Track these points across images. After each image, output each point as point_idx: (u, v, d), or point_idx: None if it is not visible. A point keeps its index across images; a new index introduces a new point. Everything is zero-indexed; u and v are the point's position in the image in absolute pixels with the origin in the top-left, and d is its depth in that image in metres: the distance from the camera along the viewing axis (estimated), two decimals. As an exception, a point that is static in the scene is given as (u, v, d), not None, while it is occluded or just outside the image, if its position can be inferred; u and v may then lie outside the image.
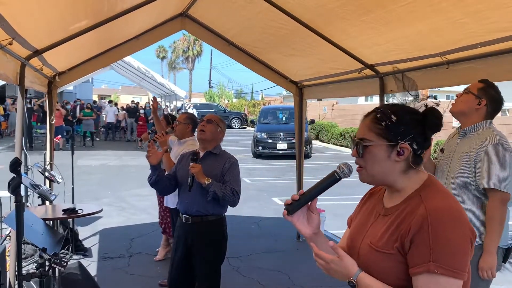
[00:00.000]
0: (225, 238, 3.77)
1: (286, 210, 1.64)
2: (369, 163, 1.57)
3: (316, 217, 1.67)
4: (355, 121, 23.21)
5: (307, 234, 1.67)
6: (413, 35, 3.72)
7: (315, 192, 1.63)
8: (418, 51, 3.92)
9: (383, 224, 1.57)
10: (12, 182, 2.77)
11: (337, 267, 1.53)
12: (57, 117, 16.56)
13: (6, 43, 3.20)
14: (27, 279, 2.93)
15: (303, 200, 1.63)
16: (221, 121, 3.83)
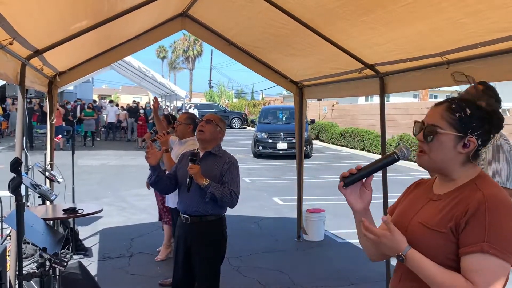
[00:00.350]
0: (224, 238, 3.75)
1: (343, 182, 1.68)
2: (435, 149, 1.61)
3: (369, 193, 1.71)
4: (355, 121, 23.22)
5: (358, 208, 1.72)
6: (413, 35, 3.72)
7: (372, 169, 1.66)
8: (418, 51, 3.92)
9: (435, 207, 1.62)
10: (12, 182, 2.77)
11: (388, 241, 1.57)
12: (56, 117, 16.57)
13: (6, 43, 3.20)
14: (28, 278, 2.94)
15: (360, 175, 1.66)
16: (220, 120, 3.81)
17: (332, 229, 7.54)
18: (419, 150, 1.65)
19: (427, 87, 4.74)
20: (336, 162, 16.91)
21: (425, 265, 1.52)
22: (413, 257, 1.54)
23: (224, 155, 3.72)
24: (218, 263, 3.72)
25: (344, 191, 1.71)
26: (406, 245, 1.56)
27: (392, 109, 19.12)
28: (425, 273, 1.52)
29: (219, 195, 3.48)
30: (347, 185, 1.68)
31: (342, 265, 6.00)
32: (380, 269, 5.47)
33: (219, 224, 3.70)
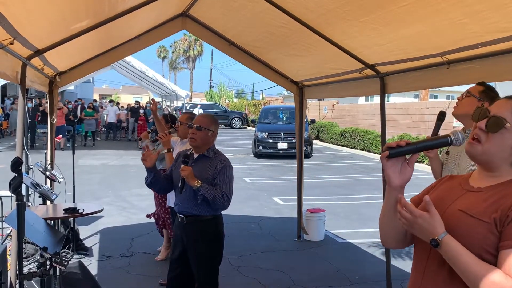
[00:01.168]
0: (220, 237, 3.74)
1: (388, 151, 1.59)
2: (493, 142, 1.55)
3: (410, 171, 1.62)
4: (355, 121, 23.23)
5: (394, 183, 1.62)
6: (413, 36, 3.73)
7: (420, 146, 1.58)
8: (418, 51, 3.92)
9: (477, 198, 1.56)
10: (13, 182, 2.78)
11: (425, 223, 1.49)
12: (58, 116, 16.62)
13: (7, 43, 3.20)
14: (28, 278, 2.94)
15: (406, 149, 1.58)
16: (211, 122, 3.75)
17: (332, 229, 7.54)
18: (473, 137, 1.58)
19: (427, 87, 4.74)
20: (336, 162, 16.92)
21: (461, 253, 1.45)
22: (449, 243, 1.46)
23: (217, 157, 3.70)
24: (215, 262, 3.71)
25: (385, 162, 1.61)
26: (443, 230, 1.48)
27: (392, 109, 19.13)
28: (460, 261, 1.45)
29: (211, 197, 3.49)
30: (392, 156, 1.58)
31: (342, 265, 6.00)
32: (380, 269, 5.48)
33: (214, 223, 3.69)
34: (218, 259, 3.73)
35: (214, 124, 3.77)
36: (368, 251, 6.56)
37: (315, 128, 24.79)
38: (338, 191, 10.94)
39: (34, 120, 18.49)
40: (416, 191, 1.84)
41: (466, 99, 2.95)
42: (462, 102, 2.97)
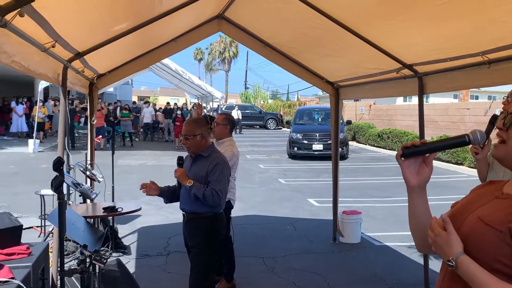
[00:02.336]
0: (215, 234, 3.85)
1: (402, 151, 1.56)
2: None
3: (428, 171, 1.57)
4: (393, 122, 22.83)
5: (412, 183, 1.58)
6: (452, 34, 3.64)
7: (437, 146, 1.54)
8: (457, 50, 3.82)
9: (499, 205, 1.49)
10: (55, 181, 2.85)
11: (442, 242, 1.45)
12: (98, 117, 17.04)
13: (49, 46, 3.31)
14: (69, 275, 3.02)
15: (422, 149, 1.54)
16: (196, 127, 3.83)
17: (369, 232, 7.43)
18: (499, 141, 1.52)
19: (468, 87, 4.61)
20: (373, 163, 16.67)
21: (477, 272, 1.38)
22: (464, 264, 1.39)
23: (212, 155, 3.85)
24: (208, 256, 3.82)
25: (401, 163, 1.58)
26: (460, 250, 1.41)
27: (431, 110, 18.70)
28: (477, 280, 1.38)
29: (201, 195, 3.67)
30: (405, 156, 1.55)
31: (379, 268, 5.91)
32: (419, 273, 5.36)
33: (211, 221, 3.83)
34: (210, 253, 3.84)
35: (199, 127, 3.85)
36: (406, 254, 6.44)
37: (351, 129, 24.52)
38: (374, 193, 10.78)
39: (73, 121, 19.02)
40: (455, 193, 1.80)
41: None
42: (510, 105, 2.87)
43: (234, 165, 5.06)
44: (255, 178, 12.89)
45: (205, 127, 3.88)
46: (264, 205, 9.39)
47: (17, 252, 3.45)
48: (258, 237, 7.19)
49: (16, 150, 17.67)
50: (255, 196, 10.09)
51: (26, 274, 3.12)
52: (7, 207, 8.42)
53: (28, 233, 6.68)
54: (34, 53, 3.17)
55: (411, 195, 1.60)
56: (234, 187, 5.19)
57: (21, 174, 12.62)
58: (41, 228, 7.00)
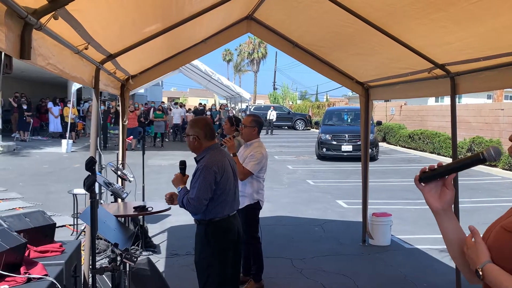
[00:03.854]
0: (208, 242, 3.66)
1: (419, 176, 1.55)
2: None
3: (450, 193, 1.55)
4: (424, 123, 22.42)
5: (435, 207, 1.56)
6: (486, 33, 3.54)
7: (454, 167, 1.52)
8: (491, 49, 3.72)
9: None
10: (87, 180, 2.91)
11: (470, 253, 1.44)
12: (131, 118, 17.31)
13: (82, 48, 3.38)
14: (100, 273, 3.07)
15: (439, 172, 1.53)
16: (192, 127, 3.75)
17: (399, 234, 7.32)
18: None
19: (502, 87, 4.48)
20: (404, 165, 16.41)
21: (503, 279, 1.35)
22: (491, 272, 1.37)
23: (201, 160, 3.68)
24: (205, 264, 3.67)
25: (421, 188, 1.57)
26: (486, 258, 1.39)
27: (464, 110, 18.29)
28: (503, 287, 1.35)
29: (180, 202, 3.65)
30: (422, 180, 1.55)
31: (409, 271, 5.81)
32: (450, 276, 5.25)
33: (203, 227, 3.69)
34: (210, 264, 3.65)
35: (192, 128, 3.74)
36: (437, 257, 6.31)
37: (381, 130, 24.20)
38: (405, 195, 10.60)
39: (106, 122, 19.38)
40: (488, 196, 1.76)
41: None
42: None
43: (264, 166, 5.05)
44: (283, 179, 12.87)
45: (201, 130, 3.71)
46: (292, 206, 9.37)
47: (50, 249, 3.53)
48: (286, 238, 7.17)
49: (50, 150, 18.13)
50: (283, 197, 10.06)
51: (59, 272, 3.19)
52: (41, 205, 8.65)
53: (61, 231, 6.84)
54: (68, 55, 3.25)
55: (438, 220, 1.58)
56: (262, 188, 5.18)
57: (54, 174, 12.94)
58: (73, 226, 7.16)
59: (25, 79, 25.97)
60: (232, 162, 3.86)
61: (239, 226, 3.85)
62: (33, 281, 2.89)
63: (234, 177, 3.82)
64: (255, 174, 4.94)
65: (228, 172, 3.69)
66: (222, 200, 3.65)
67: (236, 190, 3.84)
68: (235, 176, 3.85)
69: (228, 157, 3.87)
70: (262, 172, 5.08)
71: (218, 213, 3.66)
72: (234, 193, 3.79)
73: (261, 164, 4.97)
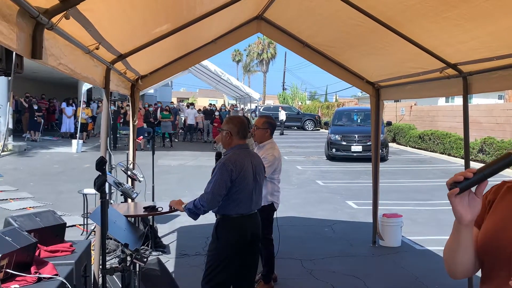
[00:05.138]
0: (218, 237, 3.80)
1: (457, 187, 1.40)
2: None
3: (479, 202, 1.44)
4: (435, 123, 22.26)
5: (467, 219, 1.44)
6: (499, 32, 3.50)
7: (488, 172, 1.41)
8: (505, 48, 3.67)
9: None
10: (98, 180, 2.91)
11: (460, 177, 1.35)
12: (138, 118, 17.35)
13: (93, 48, 3.38)
14: (110, 273, 3.07)
15: (475, 179, 1.41)
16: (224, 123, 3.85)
17: (410, 236, 7.26)
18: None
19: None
20: (414, 165, 16.30)
21: None
22: None
23: (223, 157, 3.79)
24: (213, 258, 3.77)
25: (453, 199, 1.42)
26: None
27: (475, 111, 18.12)
28: None
29: (193, 207, 3.71)
30: (463, 190, 1.41)
31: (420, 272, 5.76)
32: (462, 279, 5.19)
33: (217, 223, 3.86)
34: (215, 258, 3.75)
35: (227, 123, 3.84)
36: (449, 259, 6.24)
37: (391, 131, 24.07)
38: (416, 196, 10.52)
39: (116, 122, 19.46)
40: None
41: None
42: None
43: (277, 168, 5.03)
44: (293, 179, 12.83)
45: (235, 127, 3.78)
46: (302, 206, 9.33)
47: (60, 249, 3.55)
48: (296, 239, 7.15)
49: (61, 150, 18.24)
50: (293, 198, 10.02)
51: (69, 271, 3.20)
52: (51, 205, 8.69)
53: (71, 231, 6.86)
54: (79, 55, 3.25)
55: (461, 231, 1.48)
56: (278, 190, 5.16)
57: (65, 173, 13.02)
58: (83, 226, 7.18)
59: (36, 79, 26.19)
60: (256, 164, 3.84)
61: (255, 228, 3.84)
62: (43, 281, 2.90)
63: (255, 178, 3.80)
64: (268, 176, 4.92)
65: (246, 172, 3.70)
66: (236, 199, 3.68)
67: (255, 191, 3.81)
68: (257, 178, 3.82)
69: (253, 158, 3.86)
70: (276, 174, 5.06)
71: (230, 211, 3.72)
72: (252, 194, 3.77)
73: (274, 166, 4.95)
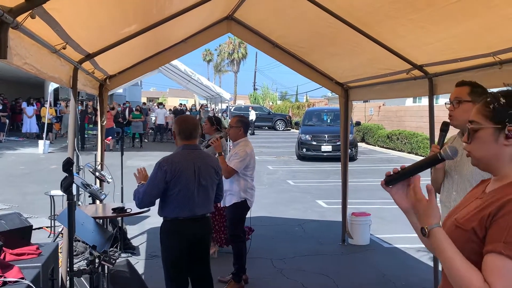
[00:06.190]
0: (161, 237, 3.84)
1: (385, 180, 1.66)
2: (476, 147, 1.55)
3: None
4: (402, 123, 22.71)
5: (405, 207, 1.66)
6: (464, 34, 3.60)
7: (414, 168, 1.62)
8: (469, 50, 3.79)
9: (474, 205, 1.56)
10: (64, 182, 2.87)
11: (420, 209, 1.52)
12: (107, 118, 17.08)
13: (60, 48, 3.32)
14: (78, 275, 3.03)
15: (402, 174, 1.63)
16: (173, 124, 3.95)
17: (378, 234, 7.40)
18: (467, 152, 1.60)
19: (479, 88, 4.56)
20: (383, 165, 16.59)
21: (447, 248, 1.43)
22: (437, 234, 1.45)
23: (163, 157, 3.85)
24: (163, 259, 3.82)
25: (388, 190, 1.67)
26: (436, 221, 1.47)
27: (441, 111, 18.45)
28: (445, 256, 1.43)
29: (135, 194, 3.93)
30: (388, 183, 1.66)
31: (388, 270, 5.87)
32: (428, 275, 5.33)
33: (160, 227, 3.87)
34: (163, 262, 3.80)
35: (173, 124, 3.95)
36: (415, 256, 6.39)
37: (360, 131, 24.44)
38: (384, 195, 10.58)
39: (83, 122, 19.12)
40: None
41: (461, 106, 2.88)
42: (458, 111, 2.91)
43: (249, 164, 5.07)
44: (263, 179, 12.89)
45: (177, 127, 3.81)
46: (272, 206, 9.38)
47: (27, 252, 3.47)
48: (266, 238, 7.18)
49: (27, 151, 17.81)
50: (263, 198, 10.06)
51: (35, 274, 3.14)
52: (17, 207, 8.48)
53: (38, 234, 6.72)
54: (45, 54, 3.19)
55: (409, 217, 1.67)
56: (252, 187, 5.18)
57: (31, 175, 12.71)
58: (51, 228, 7.04)
59: (1, 79, 25.49)
60: (201, 165, 3.70)
61: (199, 232, 3.73)
62: (8, 285, 2.84)
63: (198, 180, 3.66)
64: (240, 172, 4.99)
65: (184, 173, 3.60)
66: (173, 201, 3.64)
67: (199, 194, 3.69)
68: (200, 180, 3.68)
69: (198, 160, 3.71)
70: (249, 170, 5.10)
71: (169, 213, 3.72)
72: (194, 196, 3.64)
73: (245, 161, 4.99)
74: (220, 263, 5.75)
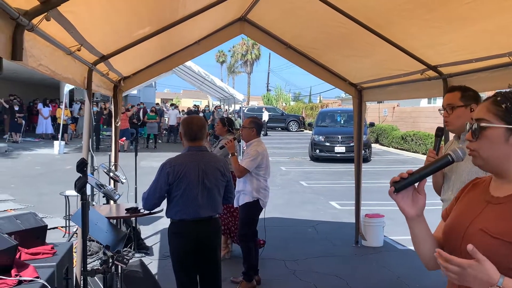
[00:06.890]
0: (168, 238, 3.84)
1: (393, 187, 1.57)
2: (484, 146, 1.49)
3: (422, 198, 1.58)
4: (416, 124, 22.52)
5: (410, 215, 1.59)
6: (478, 34, 3.57)
7: (424, 172, 1.55)
8: (483, 51, 3.75)
9: (497, 213, 1.48)
10: (78, 182, 2.89)
11: (476, 273, 1.35)
12: (122, 119, 17.23)
13: (74, 49, 3.36)
14: (92, 275, 3.05)
15: (411, 179, 1.55)
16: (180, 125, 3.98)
17: (392, 235, 7.34)
18: (470, 150, 1.53)
19: (494, 89, 4.50)
20: (397, 166, 16.47)
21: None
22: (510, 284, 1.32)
23: None
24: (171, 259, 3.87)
25: (395, 197, 1.58)
26: (499, 275, 1.34)
27: (456, 112, 18.38)
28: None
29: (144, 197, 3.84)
30: (398, 190, 1.56)
31: (402, 272, 5.83)
32: (442, 278, 5.26)
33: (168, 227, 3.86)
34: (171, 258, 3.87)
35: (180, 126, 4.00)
36: (430, 259, 6.32)
37: (374, 132, 24.29)
38: (398, 196, 10.61)
39: (99, 123, 19.28)
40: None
41: (454, 112, 2.87)
42: (452, 116, 2.88)
43: (262, 163, 5.07)
44: (276, 180, 12.87)
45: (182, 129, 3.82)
46: (285, 207, 9.37)
47: (42, 252, 3.51)
48: (279, 239, 7.17)
49: (42, 152, 18.02)
50: (276, 199, 10.05)
51: (50, 274, 3.17)
52: (33, 207, 8.59)
53: (52, 233, 6.79)
54: (60, 56, 3.23)
55: (411, 225, 1.61)
56: (265, 187, 5.17)
57: (46, 175, 12.86)
58: (65, 228, 7.11)
59: (16, 80, 25.82)
60: (206, 167, 3.65)
61: (203, 235, 3.68)
62: (24, 284, 2.87)
63: (202, 182, 3.62)
64: (252, 171, 5.01)
65: (187, 175, 3.56)
66: (177, 202, 3.61)
67: (203, 196, 3.63)
68: (205, 182, 3.63)
69: (203, 162, 3.66)
70: (262, 170, 5.10)
71: (174, 215, 3.68)
72: (197, 198, 3.60)
73: (257, 161, 5.00)
74: (232, 264, 5.75)
